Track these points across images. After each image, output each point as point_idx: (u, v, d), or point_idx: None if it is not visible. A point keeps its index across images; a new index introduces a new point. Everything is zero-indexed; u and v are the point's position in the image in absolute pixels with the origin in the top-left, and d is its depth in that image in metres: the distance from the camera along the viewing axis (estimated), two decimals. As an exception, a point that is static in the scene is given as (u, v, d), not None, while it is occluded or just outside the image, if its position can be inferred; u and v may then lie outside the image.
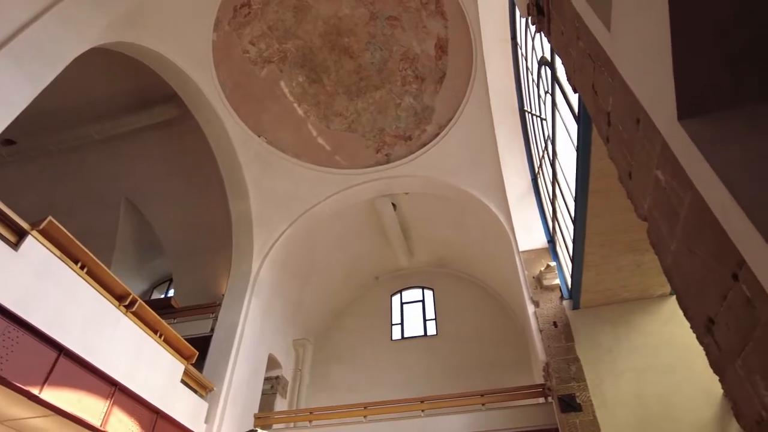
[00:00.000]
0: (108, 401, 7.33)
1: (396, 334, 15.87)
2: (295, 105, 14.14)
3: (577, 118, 5.82)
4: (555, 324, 9.43)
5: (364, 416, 10.52)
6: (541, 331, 9.48)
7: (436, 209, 14.58)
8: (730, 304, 1.67)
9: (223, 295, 12.56)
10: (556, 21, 3.54)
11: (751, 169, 1.51)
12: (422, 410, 10.33)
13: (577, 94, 3.43)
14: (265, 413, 11.75)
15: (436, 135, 13.67)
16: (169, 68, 11.03)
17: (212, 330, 11.82)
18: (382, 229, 15.37)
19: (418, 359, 14.70)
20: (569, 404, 8.56)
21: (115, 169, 15.06)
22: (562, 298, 9.84)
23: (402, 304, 16.73)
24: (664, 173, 2.03)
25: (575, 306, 9.49)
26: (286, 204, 13.68)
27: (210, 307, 12.96)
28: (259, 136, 13.47)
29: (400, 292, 17.08)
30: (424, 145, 13.88)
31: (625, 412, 8.20)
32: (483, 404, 10.16)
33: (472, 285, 16.14)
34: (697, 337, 2.00)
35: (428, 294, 16.69)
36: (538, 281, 10.21)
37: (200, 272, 15.62)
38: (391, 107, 14.58)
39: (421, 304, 16.55)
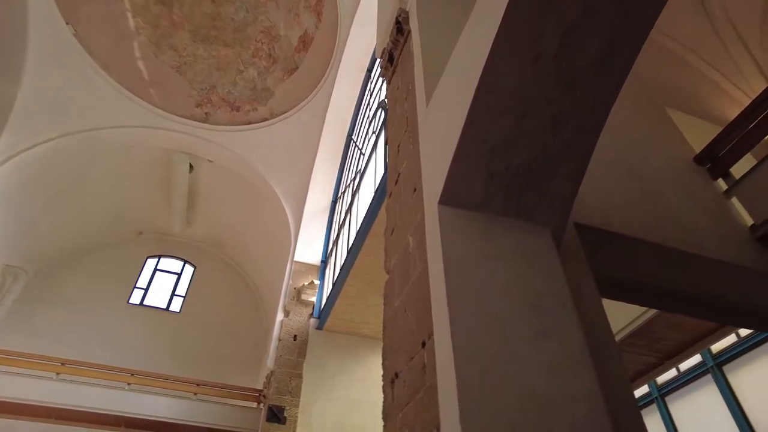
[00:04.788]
0: None
1: (135, 298, 14.47)
2: (130, 14, 12.30)
3: (386, 167, 6.31)
4: (295, 337, 9.76)
5: (57, 373, 9.19)
6: (280, 340, 9.70)
7: (233, 190, 14.02)
8: (413, 366, 1.95)
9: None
10: (399, 75, 3.83)
11: (465, 263, 1.82)
12: (128, 383, 9.50)
13: (387, 146, 3.73)
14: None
15: (265, 120, 13.31)
16: None
17: None
18: (169, 187, 14.08)
19: (148, 331, 13.57)
20: (276, 415, 8.84)
21: None
22: (311, 316, 10.27)
23: (156, 270, 15.41)
24: (413, 240, 2.31)
25: (319, 326, 10.00)
26: (67, 112, 11.57)
27: None
28: (67, 23, 11.28)
29: (160, 257, 15.72)
30: (249, 123, 13.37)
31: (323, 435, 8.82)
32: (195, 393, 9.83)
33: (237, 276, 15.78)
34: (383, 386, 2.28)
35: (189, 270, 15.71)
36: (297, 293, 10.51)
37: None
38: (232, 71, 13.76)
39: (176, 277, 15.46)
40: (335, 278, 8.65)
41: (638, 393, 6.74)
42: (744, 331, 5.37)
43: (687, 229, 3.06)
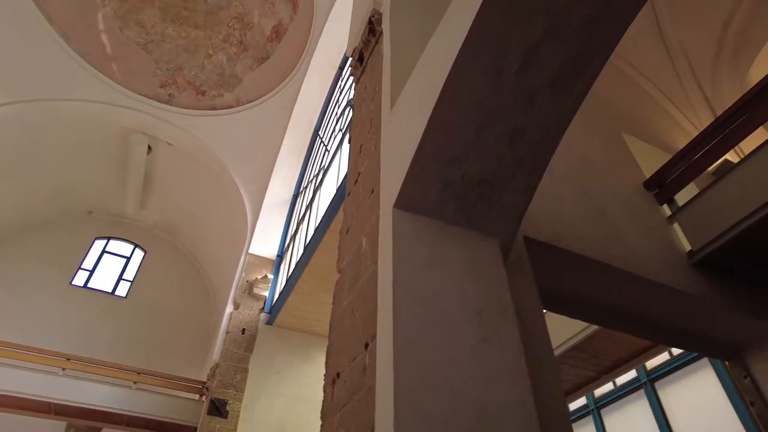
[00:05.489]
0: None
1: (79, 279, 13.85)
2: (95, -16, 11.81)
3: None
4: (243, 331, 9.59)
5: (-16, 354, 8.70)
6: (228, 332, 9.51)
7: (191, 176, 13.63)
8: (354, 367, 1.94)
9: None
10: (367, 75, 3.83)
11: (414, 268, 1.83)
12: (63, 368, 9.08)
13: (350, 144, 3.72)
14: None
15: (230, 107, 13.03)
16: None
17: None
18: (125, 167, 13.55)
19: (91, 315, 12.99)
20: (218, 408, 8.66)
21: None
22: (262, 310, 10.12)
23: (104, 252, 14.81)
24: (367, 241, 2.31)
25: (270, 321, 9.86)
26: (19, 78, 10.95)
27: None
28: (27, -13, 10.70)
29: (109, 239, 15.11)
30: (214, 108, 13.05)
31: (264, 431, 8.68)
32: (135, 382, 9.50)
33: (189, 264, 15.35)
34: (324, 386, 2.27)
35: (138, 254, 15.17)
36: (250, 286, 10.34)
37: None
38: (201, 54, 13.39)
39: (125, 261, 14.90)
40: (290, 274, 8.56)
41: (576, 404, 6.97)
42: (676, 350, 5.65)
43: (631, 250, 3.19)
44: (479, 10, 1.70)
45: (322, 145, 11.10)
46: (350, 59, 4.43)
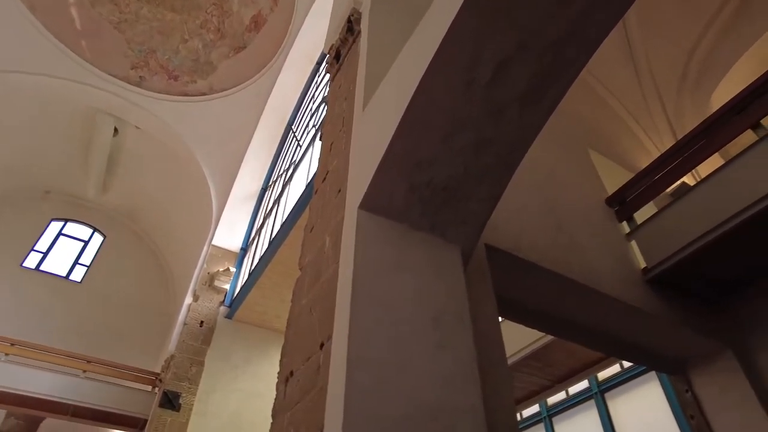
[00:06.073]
0: None
1: (31, 261, 13.29)
2: (67, -44, 11.37)
3: (320, 162, 6.24)
4: (202, 323, 9.40)
5: None
6: (185, 324, 9.30)
7: (158, 162, 13.28)
8: (309, 366, 1.93)
9: None
10: (343, 73, 3.81)
11: (374, 270, 1.83)
12: (6, 353, 8.69)
13: (321, 141, 3.70)
14: None
15: (203, 94, 12.76)
16: None
17: None
18: (88, 147, 13.09)
19: (42, 299, 12.49)
20: (170, 401, 8.46)
21: None
22: (222, 303, 9.94)
23: (60, 234, 14.26)
24: (330, 240, 2.30)
25: (229, 315, 9.69)
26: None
27: None
28: (-7, -50, 10.22)
29: (66, 221, 14.57)
30: (186, 95, 12.75)
31: (217, 425, 8.52)
32: (84, 371, 9.17)
33: (149, 252, 14.94)
34: (277, 383, 2.24)
35: (97, 239, 14.67)
36: (211, 278, 10.14)
37: None
38: (176, 38, 13.06)
39: (83, 245, 14.39)
40: (253, 268, 8.44)
41: (530, 411, 7.11)
42: (627, 363, 5.83)
43: (589, 264, 3.27)
44: (454, 20, 1.71)
45: (294, 139, 11.00)
46: (327, 56, 4.41)
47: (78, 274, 13.73)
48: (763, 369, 3.46)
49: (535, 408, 7.10)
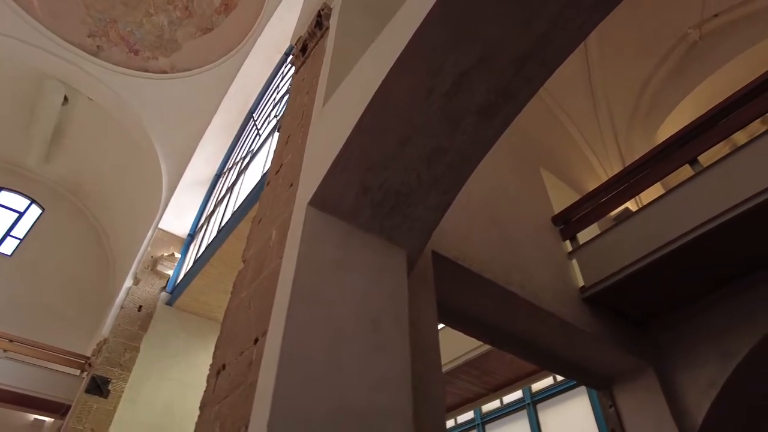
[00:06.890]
0: None
1: (-45, 229, 12.43)
2: None
3: (278, 154, 6.15)
4: (140, 308, 9.04)
5: None
6: (122, 308, 8.92)
7: (108, 137, 12.67)
8: (241, 360, 1.89)
9: None
10: (307, 67, 3.77)
11: (317, 268, 1.82)
12: None
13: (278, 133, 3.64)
14: None
15: (163, 72, 12.29)
16: None
17: None
18: (33, 114, 12.35)
19: (-35, 270, 11.72)
20: (99, 386, 8.08)
21: None
22: (163, 289, 9.60)
23: (-7, 203, 13.40)
24: (276, 234, 2.27)
25: (170, 302, 9.38)
26: None
27: None
28: None
29: (2, 189, 13.70)
30: (146, 71, 12.23)
31: (148, 414, 8.21)
32: (5, 350, 8.61)
33: (90, 229, 14.22)
34: (208, 376, 2.19)
35: (35, 211, 13.86)
36: (154, 263, 9.78)
37: None
38: (141, 11, 12.52)
39: (17, 216, 13.56)
40: (198, 255, 8.20)
41: (464, 418, 7.26)
42: (560, 377, 6.05)
43: (530, 278, 3.38)
44: (420, 27, 1.73)
45: (255, 128, 10.78)
46: (294, 48, 4.35)
47: (9, 247, 12.94)
48: (680, 388, 3.67)
49: (469, 414, 7.25)
